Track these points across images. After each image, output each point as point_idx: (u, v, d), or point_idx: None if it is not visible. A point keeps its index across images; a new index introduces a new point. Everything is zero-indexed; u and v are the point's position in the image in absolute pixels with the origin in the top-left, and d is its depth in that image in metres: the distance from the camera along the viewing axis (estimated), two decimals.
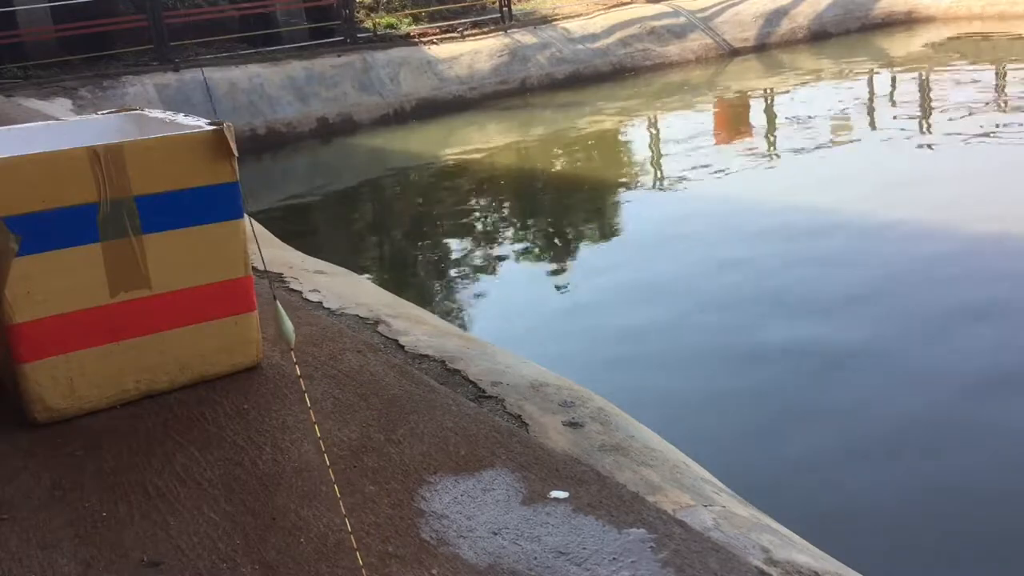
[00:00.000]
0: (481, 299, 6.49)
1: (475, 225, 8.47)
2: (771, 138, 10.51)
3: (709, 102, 12.93)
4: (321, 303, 3.35)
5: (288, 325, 1.73)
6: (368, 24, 15.71)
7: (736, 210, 7.53)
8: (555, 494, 1.95)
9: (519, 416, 2.38)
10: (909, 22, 16.89)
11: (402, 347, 2.89)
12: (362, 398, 2.47)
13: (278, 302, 1.79)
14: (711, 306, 5.63)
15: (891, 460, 3.83)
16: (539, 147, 11.48)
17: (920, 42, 15.45)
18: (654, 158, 10.44)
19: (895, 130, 9.74)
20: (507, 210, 9.09)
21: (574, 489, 1.97)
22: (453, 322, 5.53)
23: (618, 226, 8.00)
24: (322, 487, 2.03)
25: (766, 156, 9.58)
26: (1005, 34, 14.89)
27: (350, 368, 2.67)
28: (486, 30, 15.45)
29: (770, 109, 12.11)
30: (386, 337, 2.99)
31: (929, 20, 16.75)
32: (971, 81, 11.75)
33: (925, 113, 10.50)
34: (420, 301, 5.11)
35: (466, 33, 15.23)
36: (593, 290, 6.36)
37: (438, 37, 14.99)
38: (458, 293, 6.71)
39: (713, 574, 1.68)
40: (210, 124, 2.53)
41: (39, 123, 3.25)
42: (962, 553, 3.27)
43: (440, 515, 1.91)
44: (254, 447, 2.24)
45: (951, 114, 10.01)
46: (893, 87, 12.29)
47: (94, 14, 13.25)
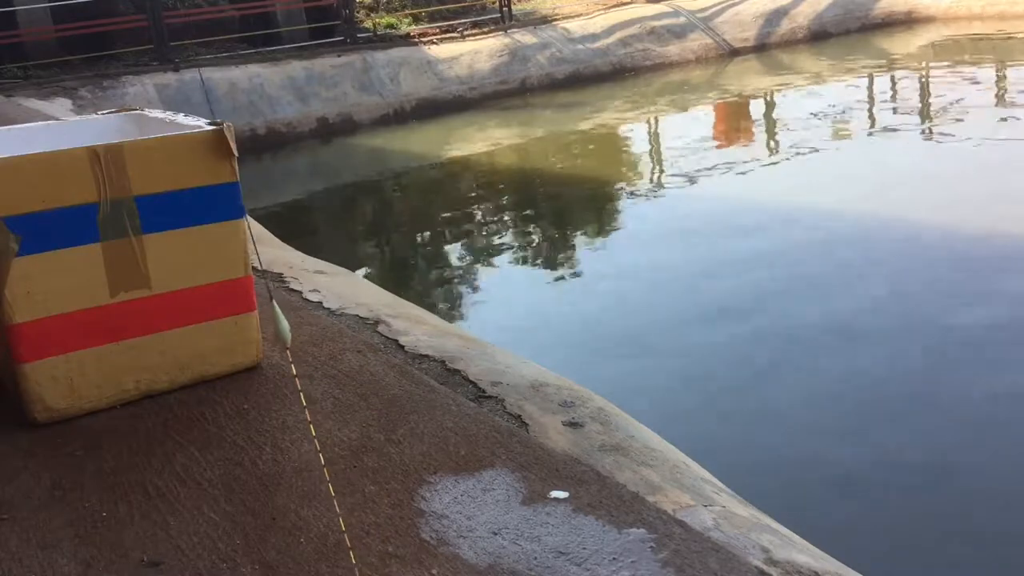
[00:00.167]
0: (481, 299, 6.49)
1: (475, 225, 8.47)
2: (771, 138, 10.51)
3: (709, 102, 12.93)
4: (321, 303, 3.35)
5: (284, 325, 1.73)
6: (368, 24, 15.71)
7: (736, 209, 7.53)
8: (555, 494, 1.95)
9: (519, 416, 2.38)
10: (909, 22, 16.89)
11: (402, 347, 2.89)
12: (362, 398, 2.47)
13: (275, 302, 1.79)
14: (711, 306, 5.63)
15: (891, 460, 3.83)
16: (539, 147, 11.48)
17: (920, 42, 15.45)
18: (654, 158, 10.44)
19: (895, 130, 9.75)
20: (507, 210, 9.09)
21: (574, 489, 1.97)
22: (453, 322, 5.53)
23: (618, 226, 8.00)
24: (322, 487, 2.03)
25: (766, 156, 9.58)
26: (1006, 35, 14.89)
27: (350, 368, 2.67)
28: (486, 30, 15.45)
29: (770, 109, 12.11)
30: (386, 337, 2.99)
31: (929, 20, 16.74)
32: (972, 81, 11.75)
33: (925, 113, 10.50)
34: (420, 301, 5.12)
35: (466, 33, 15.23)
36: (593, 290, 6.37)
37: (438, 37, 14.99)
38: (458, 293, 6.71)
39: (713, 574, 1.68)
40: (210, 124, 2.53)
41: (39, 123, 3.25)
42: (962, 553, 3.27)
43: (440, 515, 1.91)
44: (254, 447, 2.24)
45: (951, 114, 10.02)
46: (893, 87, 12.29)
47: (94, 14, 13.25)
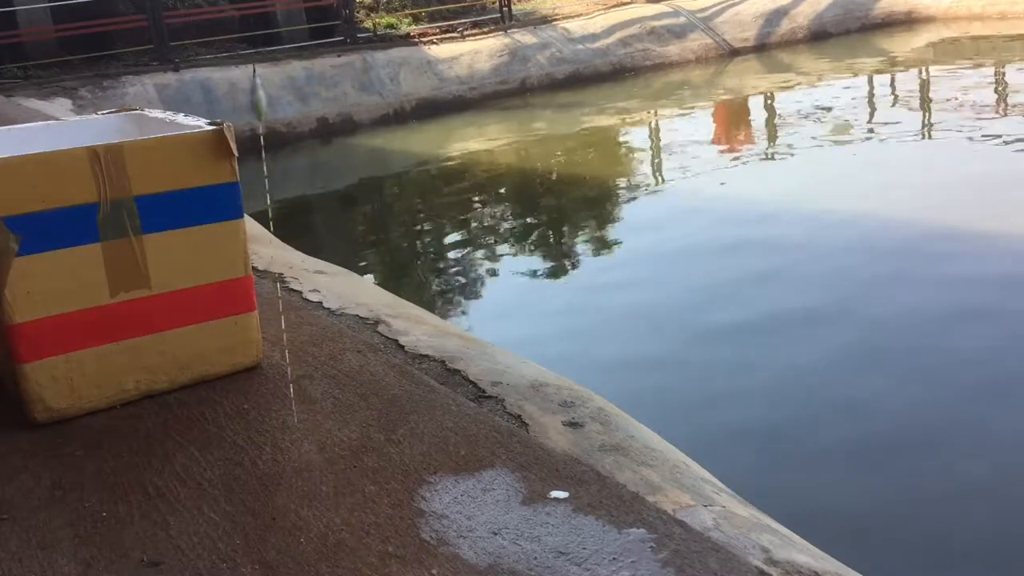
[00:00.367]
0: (481, 299, 6.49)
1: (475, 225, 8.47)
2: (771, 138, 10.50)
3: (709, 102, 12.93)
4: (321, 303, 3.35)
5: (261, 96, 1.63)
6: (368, 24, 15.70)
7: (737, 209, 7.53)
8: (555, 494, 1.95)
9: (519, 416, 2.37)
10: (909, 22, 16.89)
11: (402, 347, 2.88)
12: (362, 398, 2.47)
13: (257, 78, 1.68)
14: (712, 305, 5.63)
15: (892, 460, 3.83)
16: (539, 147, 11.47)
17: (920, 42, 15.45)
18: (654, 158, 10.44)
19: (896, 130, 9.74)
20: (507, 210, 9.09)
21: (574, 489, 1.97)
22: (453, 322, 5.53)
23: (618, 226, 8.00)
24: (322, 487, 2.03)
25: (766, 156, 9.58)
26: (1006, 35, 14.89)
27: (350, 368, 2.67)
28: (486, 30, 15.44)
29: (770, 109, 12.11)
30: (386, 337, 2.98)
31: (929, 20, 16.74)
32: (972, 81, 11.74)
33: (925, 113, 10.50)
34: (420, 301, 5.11)
35: (466, 33, 15.22)
36: (593, 290, 6.36)
37: (438, 37, 14.98)
38: (458, 293, 6.71)
39: (713, 574, 1.68)
40: (210, 124, 2.53)
41: (39, 123, 3.25)
42: (962, 553, 3.27)
43: (440, 515, 1.91)
44: (254, 447, 2.24)
45: (951, 114, 10.01)
46: (893, 87, 12.29)
47: (94, 14, 13.24)
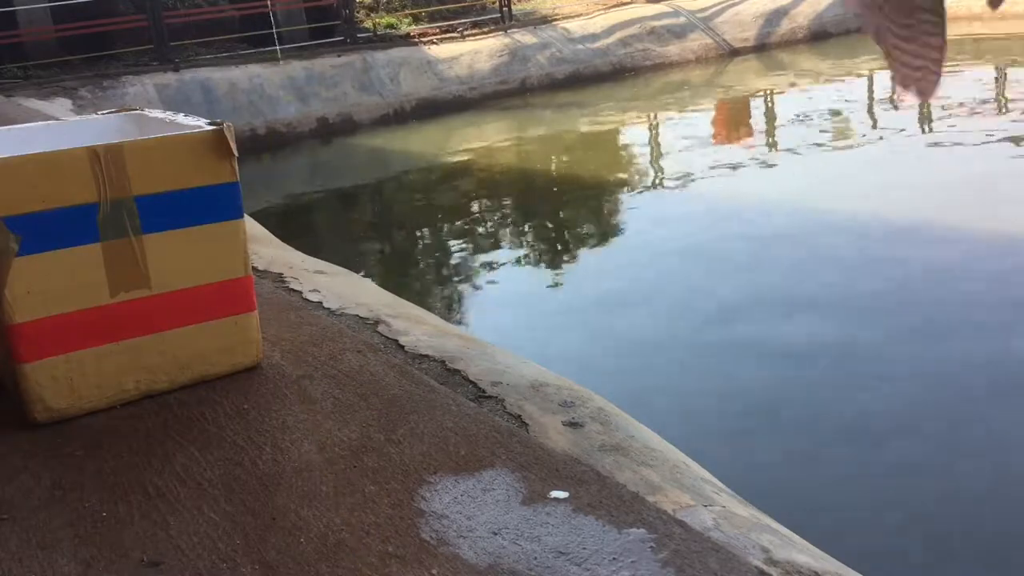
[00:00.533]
0: (481, 299, 6.49)
1: (475, 225, 8.47)
2: (771, 138, 10.50)
3: (709, 102, 12.93)
4: (321, 303, 3.35)
5: None
6: (368, 24, 15.71)
7: (737, 209, 7.53)
8: (555, 494, 1.95)
9: (519, 416, 2.37)
10: None
11: (402, 347, 2.88)
12: (362, 398, 2.47)
13: None
14: (712, 306, 5.63)
15: (892, 460, 3.83)
16: (539, 147, 11.48)
17: None
18: (654, 158, 10.44)
19: (895, 130, 9.75)
20: (507, 210, 9.09)
21: (574, 489, 1.97)
22: (453, 322, 5.53)
23: (618, 226, 8.00)
24: (322, 487, 2.03)
25: (766, 156, 9.58)
26: (1006, 35, 14.88)
27: (350, 368, 2.67)
28: (486, 30, 15.45)
29: (770, 109, 12.11)
30: (386, 337, 2.98)
31: None
32: (972, 81, 11.74)
33: (925, 113, 10.50)
34: (420, 301, 5.11)
35: (466, 33, 15.23)
36: (593, 290, 6.36)
37: (438, 37, 14.99)
38: (458, 293, 6.71)
39: (713, 574, 1.68)
40: (210, 124, 2.53)
41: (39, 123, 3.25)
42: (962, 553, 3.27)
43: (440, 515, 1.90)
44: (254, 447, 2.24)
45: (951, 113, 10.01)
46: (893, 87, 12.28)
47: (94, 14, 13.25)
